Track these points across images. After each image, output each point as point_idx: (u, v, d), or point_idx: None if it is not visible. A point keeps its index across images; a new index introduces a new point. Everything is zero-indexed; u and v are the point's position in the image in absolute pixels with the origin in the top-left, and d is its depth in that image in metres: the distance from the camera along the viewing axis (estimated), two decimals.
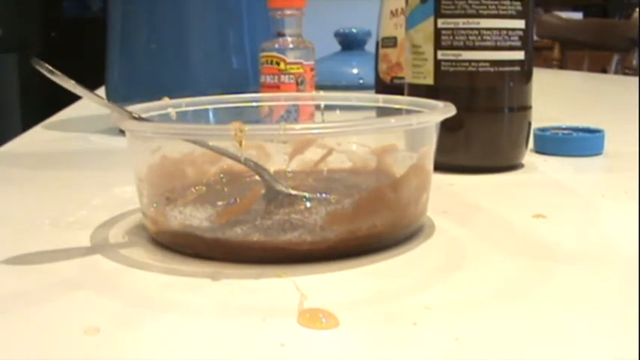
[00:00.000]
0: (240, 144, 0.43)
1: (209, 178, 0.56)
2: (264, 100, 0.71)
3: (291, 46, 0.89)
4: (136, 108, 0.52)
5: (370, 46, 1.27)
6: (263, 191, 0.51)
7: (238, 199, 0.51)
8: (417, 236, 0.50)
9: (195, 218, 0.48)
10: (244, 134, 0.43)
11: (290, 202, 0.49)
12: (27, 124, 1.19)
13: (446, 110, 0.50)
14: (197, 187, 0.54)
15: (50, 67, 0.45)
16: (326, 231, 0.46)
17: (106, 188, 0.67)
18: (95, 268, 0.46)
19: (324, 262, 0.45)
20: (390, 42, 1.05)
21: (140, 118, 0.50)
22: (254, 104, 0.64)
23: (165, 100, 0.56)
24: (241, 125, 0.43)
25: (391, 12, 1.05)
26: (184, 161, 0.54)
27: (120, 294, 0.42)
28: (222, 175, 0.56)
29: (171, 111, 0.56)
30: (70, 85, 0.46)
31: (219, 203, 0.50)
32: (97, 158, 0.87)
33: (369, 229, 0.47)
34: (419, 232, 0.51)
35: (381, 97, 0.60)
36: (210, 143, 0.51)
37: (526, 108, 0.73)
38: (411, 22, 0.73)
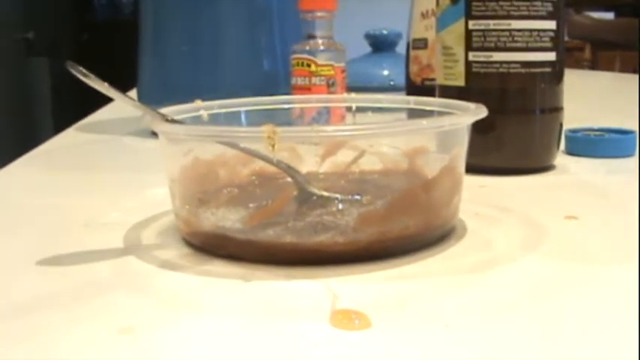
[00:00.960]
0: (273, 146, 0.43)
1: (241, 180, 0.56)
2: (296, 102, 0.71)
3: (322, 48, 0.90)
4: (168, 110, 0.52)
5: (401, 48, 1.27)
6: (295, 193, 0.51)
7: (270, 201, 0.51)
8: (448, 238, 0.50)
9: (228, 220, 0.48)
10: (277, 136, 0.43)
11: (322, 204, 0.49)
12: (59, 126, 1.20)
13: (477, 112, 0.50)
14: (229, 189, 0.54)
15: (85, 71, 0.46)
16: (358, 232, 0.46)
17: (138, 190, 0.68)
18: (128, 269, 0.47)
19: (356, 263, 0.45)
20: (421, 43, 1.05)
21: (173, 121, 0.50)
22: (285, 106, 0.65)
23: (197, 103, 0.57)
24: (274, 127, 0.43)
25: (422, 13, 1.05)
26: (216, 163, 0.55)
27: (153, 295, 0.42)
28: (254, 177, 0.56)
29: (203, 113, 0.56)
30: (104, 87, 0.47)
31: (251, 205, 0.50)
32: (129, 160, 0.87)
33: (401, 230, 0.47)
34: (451, 234, 0.51)
35: (412, 98, 0.60)
36: (242, 145, 0.51)
37: (557, 109, 0.73)
38: (441, 24, 0.73)
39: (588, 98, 1.44)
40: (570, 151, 0.80)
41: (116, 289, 0.43)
